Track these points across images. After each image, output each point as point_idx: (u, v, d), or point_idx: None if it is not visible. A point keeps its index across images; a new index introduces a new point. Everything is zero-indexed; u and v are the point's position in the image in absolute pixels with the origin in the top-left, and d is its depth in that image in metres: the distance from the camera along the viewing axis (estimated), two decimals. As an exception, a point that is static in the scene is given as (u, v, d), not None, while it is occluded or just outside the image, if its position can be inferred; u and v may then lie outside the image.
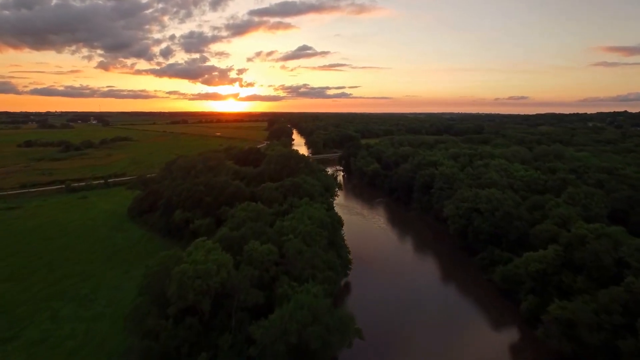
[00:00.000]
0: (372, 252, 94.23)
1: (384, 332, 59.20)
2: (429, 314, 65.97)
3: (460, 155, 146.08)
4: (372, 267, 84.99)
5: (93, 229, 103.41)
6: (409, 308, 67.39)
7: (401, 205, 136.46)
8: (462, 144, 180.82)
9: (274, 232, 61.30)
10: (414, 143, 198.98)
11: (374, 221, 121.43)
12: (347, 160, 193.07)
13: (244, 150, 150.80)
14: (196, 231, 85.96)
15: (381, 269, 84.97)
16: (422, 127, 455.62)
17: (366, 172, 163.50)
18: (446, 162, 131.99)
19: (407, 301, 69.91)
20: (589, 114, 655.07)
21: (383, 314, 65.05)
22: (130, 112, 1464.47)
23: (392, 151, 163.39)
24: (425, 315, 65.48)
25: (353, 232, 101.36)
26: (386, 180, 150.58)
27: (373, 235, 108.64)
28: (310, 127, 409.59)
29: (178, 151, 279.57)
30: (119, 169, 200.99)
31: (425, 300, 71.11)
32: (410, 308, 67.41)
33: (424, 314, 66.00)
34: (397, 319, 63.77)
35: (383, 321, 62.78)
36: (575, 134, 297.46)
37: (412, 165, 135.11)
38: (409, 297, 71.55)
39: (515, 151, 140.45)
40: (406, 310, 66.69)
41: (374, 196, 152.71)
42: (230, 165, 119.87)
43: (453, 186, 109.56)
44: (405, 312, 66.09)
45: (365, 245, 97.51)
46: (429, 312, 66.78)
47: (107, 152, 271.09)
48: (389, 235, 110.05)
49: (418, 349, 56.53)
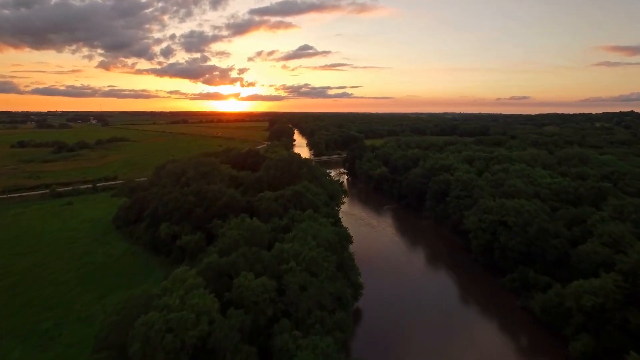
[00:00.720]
0: (383, 269, 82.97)
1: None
2: (458, 350, 54.62)
3: (474, 159, 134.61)
4: (383, 287, 73.74)
5: (72, 241, 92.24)
6: (432, 341, 56.08)
7: (412, 213, 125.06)
8: (474, 145, 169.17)
9: (271, 258, 50.02)
10: (422, 145, 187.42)
11: (383, 231, 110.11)
12: (351, 162, 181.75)
13: (242, 153, 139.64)
14: (184, 247, 74.89)
15: (394, 289, 73.72)
16: (427, 127, 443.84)
17: (372, 176, 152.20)
18: (461, 167, 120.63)
19: (429, 330, 58.62)
20: (595, 114, 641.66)
21: (401, 347, 53.78)
22: (131, 112, 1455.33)
23: (400, 154, 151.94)
24: (454, 351, 54.15)
25: (360, 245, 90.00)
26: (395, 185, 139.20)
27: (383, 248, 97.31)
28: (312, 127, 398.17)
29: (175, 152, 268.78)
30: (111, 171, 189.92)
31: (451, 332, 59.75)
32: (433, 340, 56.10)
33: (451, 347, 54.67)
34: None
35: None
36: (586, 135, 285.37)
37: (423, 170, 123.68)
38: (430, 326, 60.27)
39: (535, 154, 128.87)
40: (430, 344, 55.37)
41: (381, 202, 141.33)
42: (225, 171, 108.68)
43: (472, 194, 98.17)
44: (429, 347, 54.78)
45: (375, 261, 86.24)
46: (457, 346, 55.44)
47: (102, 153, 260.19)
48: (401, 249, 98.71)
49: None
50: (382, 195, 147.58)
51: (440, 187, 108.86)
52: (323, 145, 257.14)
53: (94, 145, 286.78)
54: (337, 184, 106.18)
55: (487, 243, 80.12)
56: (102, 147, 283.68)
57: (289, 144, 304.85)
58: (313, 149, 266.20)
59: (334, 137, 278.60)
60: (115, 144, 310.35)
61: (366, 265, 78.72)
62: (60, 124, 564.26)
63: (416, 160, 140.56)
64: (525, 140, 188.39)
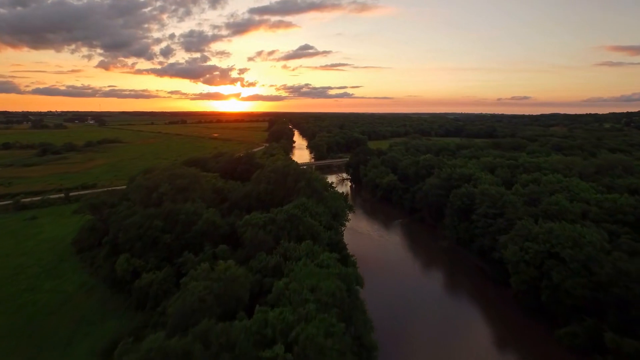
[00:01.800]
0: (397, 306, 65.70)
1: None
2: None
3: (496, 166, 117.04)
4: (398, 330, 56.45)
5: (17, 271, 74.88)
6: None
7: (427, 229, 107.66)
8: (492, 151, 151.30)
9: (247, 338, 32.59)
10: (433, 149, 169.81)
11: (394, 253, 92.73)
12: (355, 168, 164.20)
13: (232, 159, 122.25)
14: (144, 289, 57.47)
15: (411, 333, 56.47)
16: (431, 128, 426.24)
17: (380, 185, 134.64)
18: (485, 177, 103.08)
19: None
20: (601, 115, 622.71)
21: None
22: (131, 112, 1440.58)
23: (411, 160, 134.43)
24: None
25: (369, 271, 72.59)
26: (405, 195, 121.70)
27: (396, 277, 79.83)
28: (313, 128, 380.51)
29: (168, 155, 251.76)
30: (93, 177, 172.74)
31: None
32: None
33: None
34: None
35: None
36: (601, 137, 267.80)
37: (440, 180, 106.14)
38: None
39: (569, 162, 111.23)
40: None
41: (390, 215, 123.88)
42: (208, 184, 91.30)
43: (504, 212, 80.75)
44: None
45: (387, 296, 68.89)
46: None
47: (89, 156, 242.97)
48: (418, 279, 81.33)
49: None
50: (391, 207, 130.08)
51: (462, 201, 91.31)
52: (324, 148, 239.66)
53: (82, 147, 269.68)
54: (341, 198, 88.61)
55: (532, 280, 62.77)
56: (91, 150, 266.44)
57: (288, 147, 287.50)
58: (314, 151, 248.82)
59: (336, 139, 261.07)
60: (106, 146, 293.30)
61: (376, 299, 61.41)
62: (55, 124, 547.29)
63: (429, 168, 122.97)
64: (545, 144, 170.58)
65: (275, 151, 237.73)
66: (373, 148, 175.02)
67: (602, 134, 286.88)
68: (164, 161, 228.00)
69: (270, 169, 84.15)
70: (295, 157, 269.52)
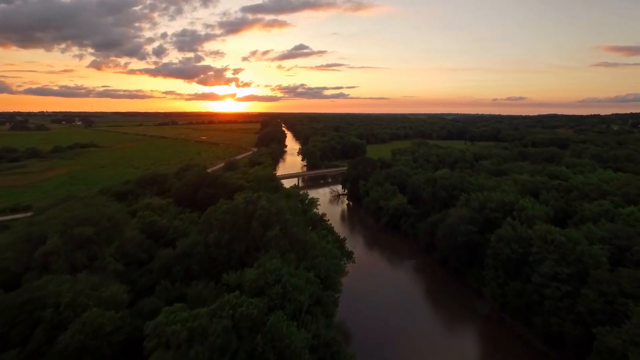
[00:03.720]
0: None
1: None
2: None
3: (539, 187, 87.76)
4: None
5: None
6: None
7: (454, 278, 78.18)
8: (523, 164, 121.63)
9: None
10: (446, 158, 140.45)
11: (409, 319, 63.15)
12: (353, 182, 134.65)
13: (193, 180, 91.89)
14: None
15: None
16: (432, 130, 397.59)
17: (385, 208, 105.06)
18: (531, 207, 73.74)
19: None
20: (605, 116, 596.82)
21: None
22: (124, 113, 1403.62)
23: (424, 177, 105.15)
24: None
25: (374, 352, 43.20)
26: (421, 226, 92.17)
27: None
28: (306, 130, 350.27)
29: (142, 162, 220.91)
30: (41, 193, 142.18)
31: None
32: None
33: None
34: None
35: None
36: (624, 141, 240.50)
37: (470, 211, 76.69)
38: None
39: (630, 180, 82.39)
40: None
41: (399, 250, 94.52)
42: (133, 231, 61.14)
43: (587, 272, 51.62)
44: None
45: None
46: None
47: (53, 163, 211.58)
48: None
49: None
50: (400, 238, 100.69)
51: (510, 249, 61.86)
52: (318, 154, 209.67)
53: (47, 153, 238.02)
54: (335, 253, 58.27)
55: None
56: (57, 156, 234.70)
57: (278, 152, 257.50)
58: (306, 158, 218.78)
59: (331, 144, 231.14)
60: (78, 151, 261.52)
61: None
62: (37, 125, 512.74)
63: (450, 189, 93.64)
64: (580, 152, 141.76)
65: (263, 158, 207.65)
66: (374, 158, 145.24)
67: (622, 138, 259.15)
68: (134, 170, 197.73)
69: (226, 208, 54.00)
70: (286, 164, 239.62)
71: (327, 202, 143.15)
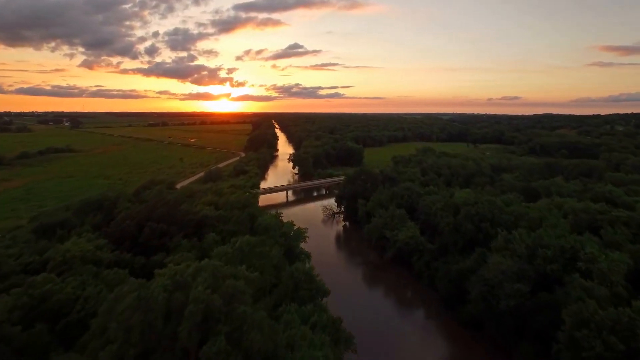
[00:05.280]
0: None
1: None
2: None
3: (597, 219, 65.44)
4: None
5: None
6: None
7: (495, 353, 55.47)
8: (554, 178, 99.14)
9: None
10: (459, 171, 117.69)
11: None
12: (351, 200, 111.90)
13: (142, 212, 68.24)
14: None
15: None
16: (431, 132, 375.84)
17: (392, 240, 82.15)
18: (602, 256, 51.37)
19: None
20: (609, 116, 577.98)
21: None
22: (117, 113, 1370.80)
23: (441, 200, 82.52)
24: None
25: None
26: (441, 272, 69.27)
27: None
28: (300, 133, 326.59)
29: (117, 170, 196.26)
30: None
31: None
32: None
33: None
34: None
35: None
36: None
37: (516, 262, 54.01)
38: None
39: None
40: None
41: (410, 300, 71.93)
42: None
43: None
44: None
45: None
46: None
47: (12, 173, 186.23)
48: None
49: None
50: (410, 279, 77.98)
51: (605, 345, 39.17)
52: (310, 161, 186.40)
53: (11, 159, 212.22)
54: None
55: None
56: (22, 163, 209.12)
57: (268, 158, 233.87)
58: (297, 165, 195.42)
59: (326, 149, 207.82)
60: (49, 157, 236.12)
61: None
62: (19, 127, 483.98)
63: (477, 220, 71.04)
64: (616, 164, 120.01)
65: (249, 166, 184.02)
66: (376, 171, 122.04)
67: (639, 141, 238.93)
68: (104, 181, 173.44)
69: (133, 301, 30.74)
70: (277, 171, 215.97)
71: (319, 221, 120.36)
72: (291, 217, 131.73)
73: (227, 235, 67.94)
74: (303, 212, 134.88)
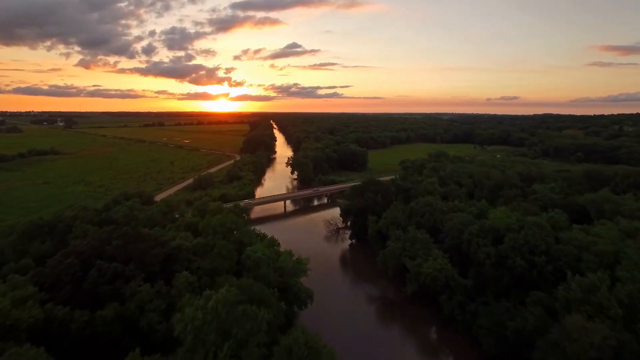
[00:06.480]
0: None
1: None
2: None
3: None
4: None
5: None
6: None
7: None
8: (601, 191, 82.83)
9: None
10: (483, 181, 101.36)
11: None
12: (359, 216, 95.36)
13: (103, 232, 51.68)
14: None
15: None
16: (435, 133, 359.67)
17: (415, 272, 65.48)
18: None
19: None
20: (616, 116, 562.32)
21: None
22: (114, 113, 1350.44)
23: (476, 224, 66.16)
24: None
25: None
26: (485, 325, 52.66)
27: None
28: (298, 134, 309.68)
29: (101, 175, 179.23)
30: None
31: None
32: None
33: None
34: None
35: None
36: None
37: (609, 323, 37.76)
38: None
39: None
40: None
41: (442, 350, 55.57)
42: None
43: None
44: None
45: None
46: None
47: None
48: None
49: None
50: (438, 322, 61.62)
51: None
52: (310, 166, 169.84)
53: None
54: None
55: None
56: (0, 168, 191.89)
57: (265, 161, 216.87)
58: (296, 170, 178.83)
59: (327, 152, 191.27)
60: (29, 160, 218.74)
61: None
62: (8, 127, 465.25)
63: (527, 251, 54.64)
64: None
65: (244, 171, 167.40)
66: (387, 180, 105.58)
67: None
68: (84, 187, 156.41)
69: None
70: (275, 175, 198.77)
71: (321, 238, 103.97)
72: (289, 232, 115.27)
73: (205, 276, 51.29)
74: (303, 226, 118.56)
